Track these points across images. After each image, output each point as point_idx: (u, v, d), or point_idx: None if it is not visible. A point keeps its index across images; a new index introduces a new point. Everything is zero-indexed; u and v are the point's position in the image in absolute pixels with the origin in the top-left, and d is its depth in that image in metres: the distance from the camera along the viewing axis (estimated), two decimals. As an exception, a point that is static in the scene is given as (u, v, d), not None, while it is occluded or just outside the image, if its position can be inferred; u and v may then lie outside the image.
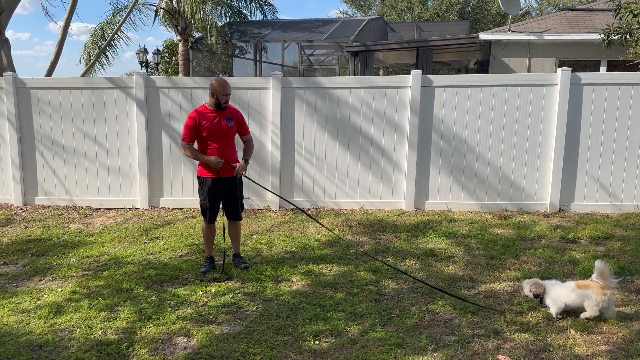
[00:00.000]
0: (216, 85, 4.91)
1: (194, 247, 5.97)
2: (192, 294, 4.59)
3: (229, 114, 5.05)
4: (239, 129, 5.17)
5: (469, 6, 34.66)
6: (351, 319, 4.03)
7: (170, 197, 7.90)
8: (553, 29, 12.44)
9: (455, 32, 18.27)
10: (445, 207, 7.55)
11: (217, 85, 4.91)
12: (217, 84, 4.92)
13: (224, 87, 4.92)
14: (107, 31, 17.22)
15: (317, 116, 7.60)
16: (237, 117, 5.13)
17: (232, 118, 5.06)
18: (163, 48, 27.14)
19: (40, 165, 7.98)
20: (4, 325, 4.03)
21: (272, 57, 18.15)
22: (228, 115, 5.04)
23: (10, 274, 5.25)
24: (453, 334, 3.81)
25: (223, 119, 5.01)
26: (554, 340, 3.68)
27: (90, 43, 17.67)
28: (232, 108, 5.15)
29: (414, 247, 5.90)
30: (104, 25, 17.67)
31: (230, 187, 5.12)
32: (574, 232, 6.32)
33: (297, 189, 7.77)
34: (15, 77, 7.85)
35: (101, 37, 17.49)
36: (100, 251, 5.90)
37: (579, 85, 7.22)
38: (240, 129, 5.19)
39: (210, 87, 4.95)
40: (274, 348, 3.61)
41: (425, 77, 7.43)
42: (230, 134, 5.10)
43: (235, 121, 5.08)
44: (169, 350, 3.62)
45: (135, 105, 7.70)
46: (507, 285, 4.72)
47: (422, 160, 7.51)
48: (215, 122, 4.98)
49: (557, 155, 7.29)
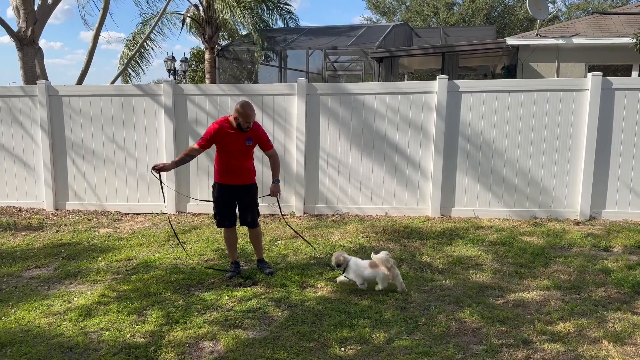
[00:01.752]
0: (241, 112, 4.85)
1: (219, 252, 6.02)
2: (218, 298, 4.62)
3: (250, 132, 5.02)
4: (260, 145, 5.17)
5: (496, 11, 34.32)
6: (377, 327, 4.00)
7: (197, 203, 7.98)
8: (582, 33, 12.21)
9: (481, 37, 18.09)
10: (473, 214, 7.46)
11: (242, 112, 4.85)
12: (243, 111, 4.85)
13: (248, 116, 4.86)
14: (139, 40, 17.59)
15: (341, 122, 7.61)
16: (256, 134, 5.08)
17: (251, 137, 5.05)
18: (190, 56, 27.61)
19: (71, 170, 8.17)
20: (36, 327, 4.12)
21: (296, 64, 18.26)
22: (248, 135, 5.02)
23: (42, 277, 5.38)
24: (481, 343, 3.74)
25: (242, 138, 5.01)
26: (586, 351, 3.58)
27: (125, 52, 18.06)
28: (253, 127, 5.04)
29: (441, 254, 5.83)
30: (136, 35, 18.04)
31: (241, 196, 5.18)
32: (606, 241, 6.17)
33: (321, 194, 7.77)
34: (47, 85, 8.07)
35: (134, 47, 17.87)
36: (128, 255, 5.99)
37: (611, 90, 7.06)
38: (262, 146, 5.18)
39: (235, 111, 4.91)
40: (299, 354, 3.61)
41: (452, 83, 7.37)
42: (247, 152, 5.13)
43: (254, 140, 5.09)
44: (195, 355, 3.65)
45: (164, 112, 7.83)
46: (537, 294, 4.62)
47: (448, 166, 7.44)
48: (233, 140, 5.00)
49: (587, 162, 7.14)
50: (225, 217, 5.24)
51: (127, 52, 17.77)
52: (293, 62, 18.32)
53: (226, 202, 5.21)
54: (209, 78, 18.71)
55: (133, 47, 17.42)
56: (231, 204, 5.23)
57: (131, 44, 17.76)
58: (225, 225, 5.28)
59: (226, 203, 5.21)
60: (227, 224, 5.27)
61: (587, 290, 4.69)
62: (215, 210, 5.28)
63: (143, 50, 17.68)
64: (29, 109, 8.13)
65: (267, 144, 5.19)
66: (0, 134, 8.24)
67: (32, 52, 10.87)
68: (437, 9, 33.55)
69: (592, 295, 4.58)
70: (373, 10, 38.05)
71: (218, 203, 5.23)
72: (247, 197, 5.21)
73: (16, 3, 10.72)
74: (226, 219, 5.25)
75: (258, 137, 5.11)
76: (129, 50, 17.70)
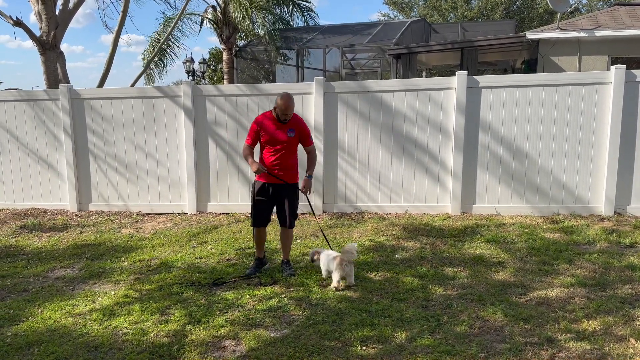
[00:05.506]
0: (280, 103, 4.90)
1: (240, 252, 6.06)
2: (239, 297, 4.65)
3: (291, 124, 5.05)
4: (301, 139, 5.16)
5: (515, 4, 33.83)
6: (398, 325, 3.98)
7: (217, 202, 8.05)
8: (605, 25, 11.97)
9: (500, 32, 17.84)
10: (494, 211, 7.37)
11: (281, 104, 4.90)
12: (282, 102, 4.90)
13: (286, 108, 4.90)
14: (161, 38, 17.73)
15: (359, 120, 7.58)
16: (299, 127, 5.10)
17: (294, 129, 5.06)
18: (209, 56, 27.80)
19: (94, 172, 8.30)
20: (62, 326, 4.20)
21: (313, 62, 18.26)
22: (290, 126, 5.04)
23: (67, 277, 5.47)
24: (504, 341, 3.70)
25: (285, 128, 5.03)
26: (612, 350, 3.52)
27: (149, 49, 18.25)
28: (296, 118, 5.12)
29: (462, 252, 5.78)
30: (160, 33, 18.19)
31: (280, 195, 5.14)
32: (631, 237, 6.04)
33: (340, 192, 7.76)
34: (70, 88, 8.21)
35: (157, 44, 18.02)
36: (151, 255, 6.07)
37: (634, 83, 6.91)
38: (302, 140, 5.17)
39: (275, 102, 4.97)
40: (320, 353, 3.61)
41: (471, 78, 7.29)
42: (290, 144, 5.09)
43: (296, 132, 5.07)
44: (218, 354, 3.68)
45: (183, 113, 7.90)
46: (561, 291, 4.55)
47: (468, 163, 7.36)
48: (275, 130, 5.03)
49: (611, 157, 7.00)
50: (260, 217, 5.22)
51: (151, 50, 17.92)
52: (310, 61, 18.33)
53: (265, 202, 5.16)
54: (227, 79, 18.83)
55: (157, 45, 17.61)
56: (269, 204, 5.19)
57: (155, 42, 17.92)
58: (260, 225, 5.26)
59: (265, 202, 5.16)
60: (261, 223, 5.25)
61: (612, 287, 4.61)
62: (253, 209, 5.22)
63: (166, 49, 17.81)
64: (51, 113, 8.28)
65: (308, 138, 5.20)
66: (25, 138, 8.42)
67: (54, 56, 11.07)
68: (456, 3, 33.20)
69: (618, 292, 4.49)
70: (390, 6, 37.84)
71: (256, 202, 5.17)
72: (288, 197, 5.14)
73: (38, 8, 10.92)
74: (261, 219, 5.23)
75: (300, 130, 5.11)
76: (153, 49, 17.86)
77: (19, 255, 6.36)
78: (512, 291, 4.61)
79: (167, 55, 18.20)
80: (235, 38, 18.98)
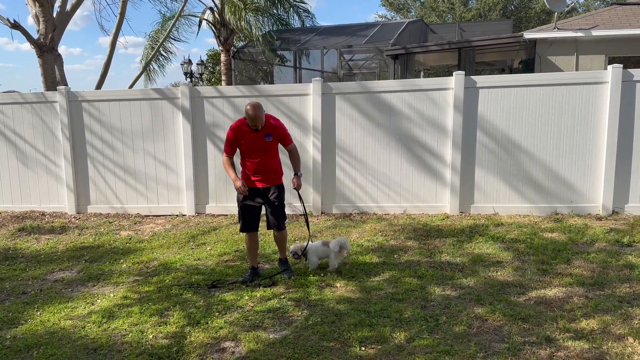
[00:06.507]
0: (250, 113, 4.79)
1: (239, 253, 6.06)
2: (238, 299, 4.66)
3: (267, 129, 4.96)
4: (280, 140, 5.10)
5: (512, 4, 33.89)
6: (397, 326, 3.98)
7: (216, 204, 8.05)
8: (602, 25, 11.99)
9: (498, 32, 17.87)
10: (492, 211, 7.39)
11: (251, 114, 4.78)
12: (252, 113, 4.77)
13: (255, 119, 4.79)
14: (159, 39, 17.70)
15: (358, 120, 7.59)
16: (276, 131, 5.01)
17: (271, 133, 4.98)
18: (207, 57, 27.80)
19: (92, 174, 8.30)
20: (61, 329, 4.19)
21: (311, 63, 18.26)
22: (266, 131, 4.95)
23: (66, 280, 5.47)
24: (503, 341, 3.70)
25: (261, 134, 4.94)
26: (611, 349, 3.53)
27: (147, 50, 18.22)
28: (270, 122, 5.01)
29: (461, 252, 5.79)
30: (157, 32, 18.15)
31: (266, 197, 5.10)
32: (630, 236, 6.06)
33: (339, 193, 7.77)
34: (68, 90, 8.21)
35: (156, 44, 17.99)
36: (149, 257, 6.07)
37: (632, 82, 6.93)
38: (281, 141, 5.10)
39: (245, 110, 4.85)
40: (320, 353, 3.61)
41: (469, 78, 7.31)
42: (270, 149, 5.03)
43: (274, 135, 5.00)
44: (217, 355, 3.68)
45: (181, 115, 7.90)
46: (559, 291, 4.56)
47: (467, 162, 7.38)
48: (252, 137, 4.95)
49: (609, 156, 7.02)
50: (249, 222, 5.16)
51: (149, 51, 17.88)
52: (308, 62, 18.33)
53: (251, 206, 5.11)
54: (225, 80, 18.81)
55: (155, 45, 17.58)
56: (256, 208, 5.15)
57: (154, 42, 17.88)
58: (249, 230, 5.19)
59: (251, 207, 5.11)
60: (250, 228, 5.18)
61: (610, 286, 4.62)
62: (240, 214, 5.19)
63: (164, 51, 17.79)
64: (49, 115, 8.27)
65: (286, 138, 5.12)
66: (23, 140, 8.41)
67: (52, 58, 11.06)
68: (453, 4, 33.25)
69: (616, 291, 4.51)
70: (387, 7, 37.87)
71: (243, 207, 5.13)
72: (274, 199, 5.10)
73: (35, 11, 10.91)
74: (250, 224, 5.17)
75: (277, 132, 5.03)
76: (151, 50, 17.82)
77: (18, 258, 6.35)
78: (511, 291, 4.62)
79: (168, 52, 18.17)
80: (233, 39, 18.95)
